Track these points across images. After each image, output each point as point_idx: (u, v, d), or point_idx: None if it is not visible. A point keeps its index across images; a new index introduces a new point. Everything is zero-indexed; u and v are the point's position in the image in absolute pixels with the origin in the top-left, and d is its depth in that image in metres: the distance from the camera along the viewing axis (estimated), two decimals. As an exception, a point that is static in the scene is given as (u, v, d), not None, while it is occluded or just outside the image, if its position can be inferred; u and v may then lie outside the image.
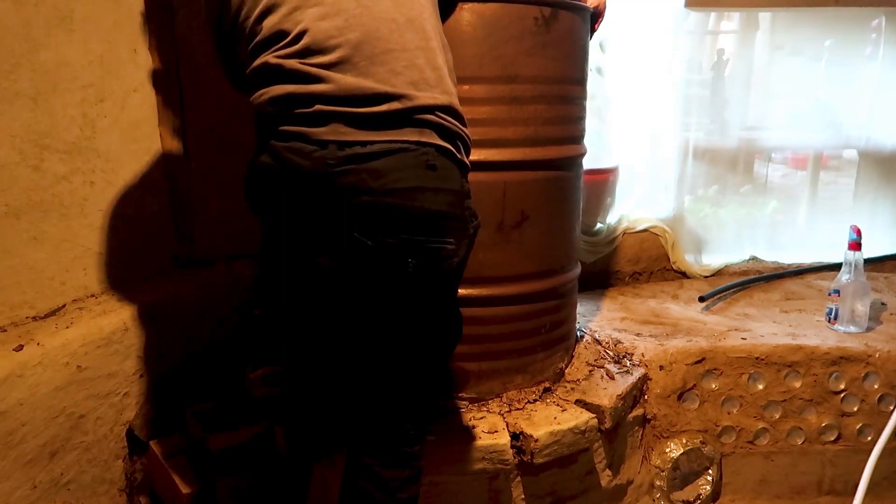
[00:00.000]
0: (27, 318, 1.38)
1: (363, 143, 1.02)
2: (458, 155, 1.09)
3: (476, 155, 1.47)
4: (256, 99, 1.09)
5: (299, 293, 1.16)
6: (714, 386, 1.85)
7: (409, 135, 1.03)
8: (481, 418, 1.53)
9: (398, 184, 1.02)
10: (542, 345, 1.64)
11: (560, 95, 1.55)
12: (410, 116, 1.04)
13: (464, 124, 1.11)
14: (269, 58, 1.05)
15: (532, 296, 1.59)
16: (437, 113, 1.06)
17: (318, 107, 1.02)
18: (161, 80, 1.64)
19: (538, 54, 1.47)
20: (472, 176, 1.49)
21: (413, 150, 1.03)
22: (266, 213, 1.16)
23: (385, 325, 1.10)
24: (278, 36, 1.05)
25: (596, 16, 1.58)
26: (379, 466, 1.14)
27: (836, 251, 2.19)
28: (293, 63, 1.03)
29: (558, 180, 1.59)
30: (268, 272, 1.25)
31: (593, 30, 1.60)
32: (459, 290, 1.51)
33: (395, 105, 1.02)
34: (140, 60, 1.59)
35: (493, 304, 1.56)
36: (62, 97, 1.40)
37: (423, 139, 1.04)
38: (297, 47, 1.03)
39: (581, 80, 1.61)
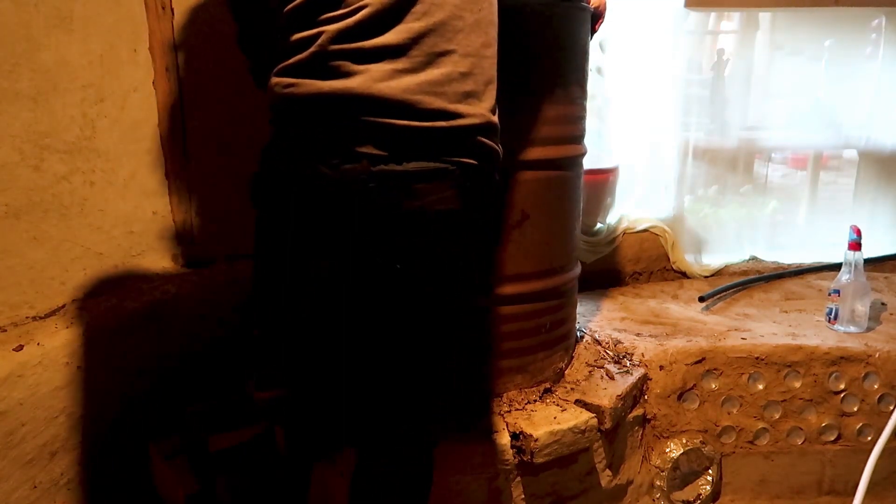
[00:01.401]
0: (27, 318, 1.38)
1: (399, 160, 0.94)
2: (493, 175, 1.05)
3: (475, 154, 1.48)
4: (282, 88, 0.98)
5: (300, 294, 1.14)
6: (714, 386, 1.85)
7: (449, 156, 0.97)
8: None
9: (435, 206, 0.96)
10: (542, 344, 1.64)
11: (560, 95, 1.54)
12: (454, 137, 0.97)
13: (499, 140, 1.05)
14: (314, 32, 0.93)
15: (532, 295, 1.59)
16: (482, 135, 0.99)
17: (354, 116, 0.94)
18: (161, 80, 1.64)
19: (541, 53, 1.47)
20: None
21: (451, 171, 0.97)
22: (274, 214, 1.10)
23: (390, 333, 1.07)
24: (331, 1, 0.93)
25: (597, 16, 1.58)
26: (386, 469, 1.13)
27: (836, 251, 2.19)
28: (337, 48, 0.92)
29: (559, 180, 1.59)
30: (265, 273, 1.21)
31: (594, 30, 1.60)
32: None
33: (440, 123, 0.95)
34: (140, 60, 1.59)
35: (492, 303, 1.56)
36: (62, 97, 1.40)
37: (464, 160, 0.98)
38: (349, 21, 0.92)
39: (581, 81, 1.61)
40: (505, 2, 1.43)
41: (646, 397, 1.79)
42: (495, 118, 1.02)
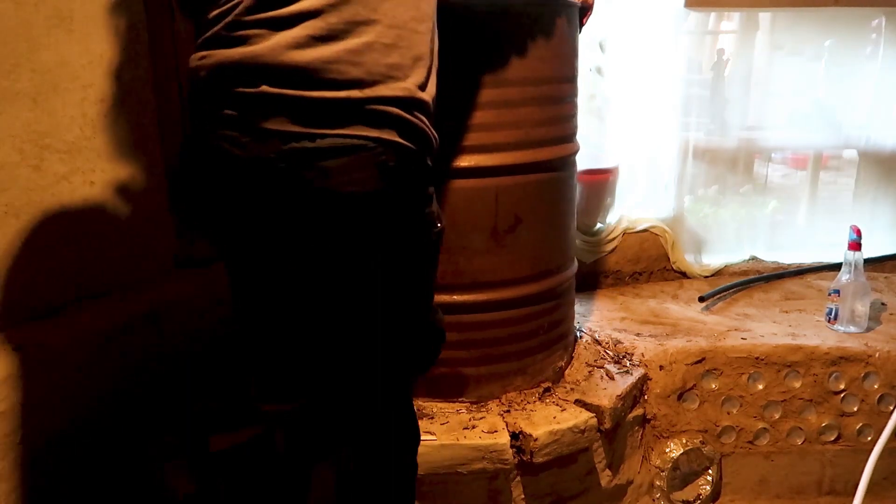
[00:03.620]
0: (27, 318, 1.38)
1: (311, 137, 0.88)
2: (423, 158, 0.98)
3: (467, 161, 1.47)
4: (195, 63, 0.92)
5: (262, 292, 1.11)
6: (714, 386, 1.85)
7: (366, 130, 0.90)
8: (481, 418, 1.53)
9: (350, 187, 0.90)
10: (540, 345, 1.64)
11: (551, 96, 1.53)
12: (370, 108, 0.90)
13: (432, 122, 0.99)
14: (232, 4, 0.88)
15: (529, 298, 1.58)
16: (403, 106, 0.92)
17: (263, 88, 0.87)
18: (161, 81, 1.64)
19: (527, 56, 1.46)
20: (463, 182, 1.49)
21: (371, 148, 0.90)
22: (203, 213, 1.04)
23: (341, 329, 1.03)
24: None
25: (584, 10, 1.57)
26: (372, 465, 1.13)
27: (836, 251, 2.19)
28: (252, 18, 0.87)
29: (551, 182, 1.58)
30: (232, 275, 1.16)
31: (582, 23, 1.59)
32: (455, 297, 1.52)
33: (354, 93, 0.88)
34: (140, 60, 1.59)
35: (489, 308, 1.56)
36: (62, 97, 1.40)
37: (383, 136, 0.91)
38: None
39: (572, 78, 1.60)
40: (490, 5, 1.43)
41: (646, 397, 1.79)
42: (423, 95, 0.95)
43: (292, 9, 0.87)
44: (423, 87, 0.96)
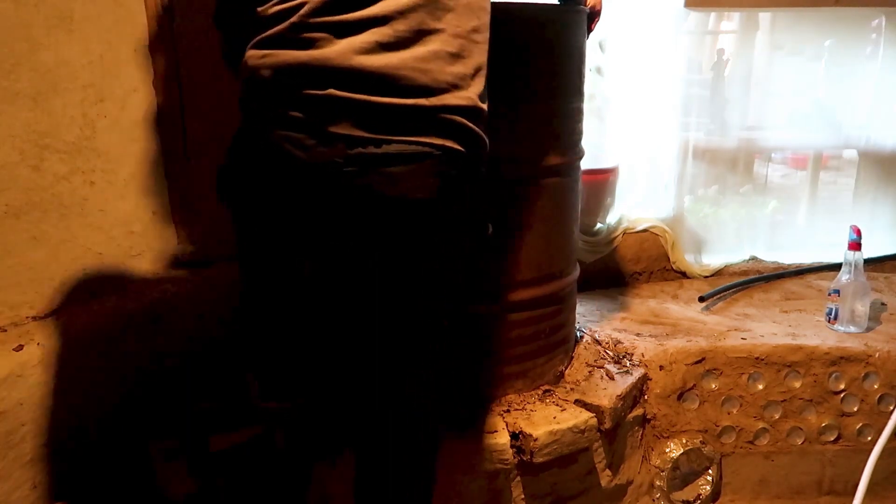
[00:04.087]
0: (27, 318, 1.38)
1: (377, 143, 0.88)
2: (479, 165, 1.00)
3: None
4: (255, 60, 0.92)
5: (286, 295, 1.11)
6: (714, 386, 1.85)
7: (432, 138, 0.91)
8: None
9: (411, 193, 0.90)
10: (541, 349, 1.64)
11: (557, 102, 1.53)
12: (437, 118, 0.91)
13: (486, 130, 1.00)
14: (296, 3, 0.87)
15: (531, 302, 1.58)
16: (467, 118, 0.94)
17: (331, 91, 0.87)
18: (161, 80, 1.64)
19: (535, 61, 1.46)
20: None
21: (435, 155, 0.91)
22: (246, 209, 1.06)
23: (375, 331, 1.03)
24: None
25: (593, 16, 1.57)
26: (390, 470, 1.12)
27: (836, 251, 2.19)
28: (318, 21, 0.87)
29: (556, 186, 1.58)
30: (250, 275, 1.17)
31: (590, 29, 1.59)
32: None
33: (422, 101, 0.89)
34: (140, 60, 1.59)
35: (491, 311, 1.55)
36: (62, 97, 1.40)
37: (447, 144, 0.92)
38: None
39: (578, 84, 1.60)
40: (499, 10, 1.43)
41: (646, 397, 1.79)
42: (483, 105, 0.97)
43: (360, 14, 0.88)
44: (482, 97, 0.97)
